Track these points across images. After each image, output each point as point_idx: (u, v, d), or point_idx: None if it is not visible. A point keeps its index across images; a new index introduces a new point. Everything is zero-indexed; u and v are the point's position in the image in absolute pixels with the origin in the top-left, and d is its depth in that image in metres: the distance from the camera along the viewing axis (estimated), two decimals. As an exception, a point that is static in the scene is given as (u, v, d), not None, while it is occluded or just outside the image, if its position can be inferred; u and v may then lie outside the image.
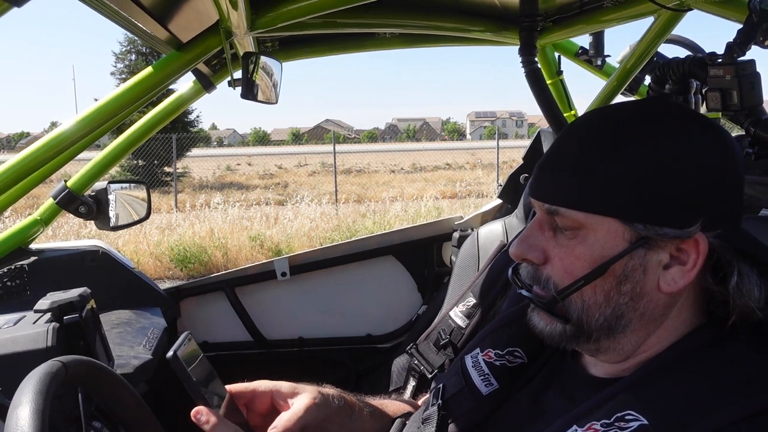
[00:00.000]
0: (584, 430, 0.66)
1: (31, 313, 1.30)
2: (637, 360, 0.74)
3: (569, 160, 0.72)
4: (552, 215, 0.73)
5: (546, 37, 1.94)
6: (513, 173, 2.22)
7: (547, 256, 0.75)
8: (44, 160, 1.30)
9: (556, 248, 0.74)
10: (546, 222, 0.75)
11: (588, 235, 0.71)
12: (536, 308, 0.78)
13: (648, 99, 0.88)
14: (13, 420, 0.79)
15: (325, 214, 10.21)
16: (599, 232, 0.70)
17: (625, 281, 0.70)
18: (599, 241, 0.70)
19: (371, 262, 2.29)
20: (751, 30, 1.21)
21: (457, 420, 0.85)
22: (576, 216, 0.71)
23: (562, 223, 0.72)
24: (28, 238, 1.79)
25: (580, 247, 0.71)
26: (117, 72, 18.68)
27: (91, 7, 1.14)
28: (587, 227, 0.71)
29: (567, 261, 0.72)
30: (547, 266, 0.75)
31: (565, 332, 0.74)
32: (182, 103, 1.84)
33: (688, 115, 0.72)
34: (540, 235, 0.76)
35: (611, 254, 0.70)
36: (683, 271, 0.70)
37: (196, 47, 1.38)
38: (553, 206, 0.72)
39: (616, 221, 0.69)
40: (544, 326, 0.77)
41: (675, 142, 0.68)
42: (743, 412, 0.61)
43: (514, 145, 22.39)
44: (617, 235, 0.70)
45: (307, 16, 1.38)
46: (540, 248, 0.75)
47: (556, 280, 0.74)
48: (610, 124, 0.72)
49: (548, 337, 0.77)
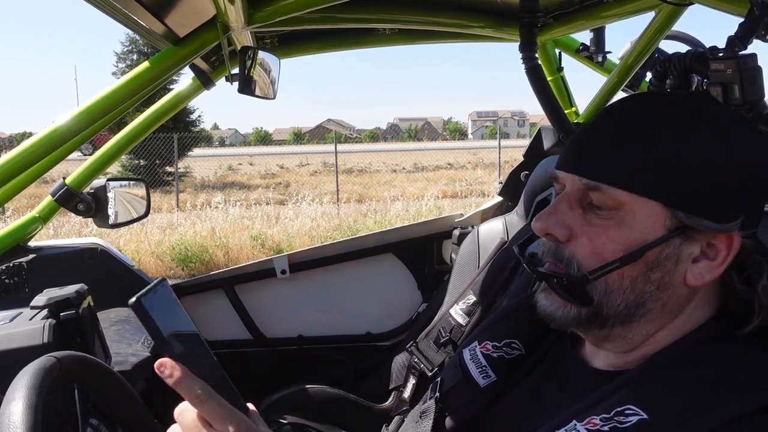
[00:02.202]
0: (584, 424, 0.65)
1: (28, 310, 1.29)
2: (642, 352, 0.73)
3: (618, 137, 0.70)
4: (589, 191, 0.70)
5: (546, 33, 1.93)
6: (513, 170, 2.21)
7: (572, 233, 0.72)
8: (39, 156, 1.29)
9: (585, 226, 0.71)
10: (576, 198, 0.73)
11: (626, 217, 0.69)
12: (549, 289, 0.75)
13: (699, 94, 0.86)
14: (6, 415, 0.79)
15: (327, 213, 10.21)
16: (639, 215, 0.68)
17: (656, 269, 0.69)
18: (638, 224, 0.68)
19: (371, 260, 2.29)
20: (752, 23, 1.20)
21: (455, 413, 0.85)
22: (619, 195, 0.68)
23: (599, 201, 0.70)
24: (27, 236, 1.79)
25: (615, 229, 0.69)
26: (119, 72, 18.67)
27: (89, 1, 1.14)
28: (627, 208, 0.69)
29: (597, 241, 0.70)
30: (571, 244, 0.72)
31: (579, 316, 0.72)
32: (181, 100, 1.83)
33: (739, 117, 0.72)
34: (568, 211, 0.73)
35: (648, 239, 0.68)
36: (711, 267, 0.69)
37: (193, 42, 1.37)
38: (594, 182, 0.70)
39: (660, 206, 0.68)
40: (555, 309, 0.74)
41: (729, 140, 0.68)
42: (744, 409, 0.60)
43: (515, 145, 22.36)
44: (657, 221, 0.68)
45: (304, 11, 1.37)
46: (566, 225, 0.72)
47: (580, 259, 0.71)
48: (665, 108, 0.71)
49: (559, 320, 0.74)
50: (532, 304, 0.92)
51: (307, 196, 11.91)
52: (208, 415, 0.62)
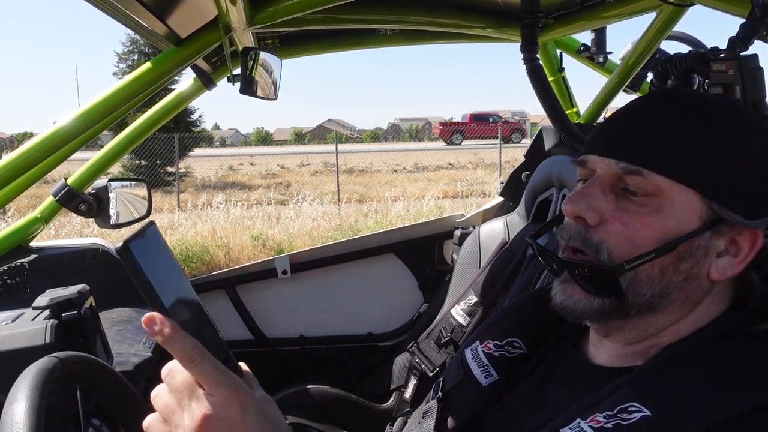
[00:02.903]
0: (587, 422, 0.65)
1: (30, 310, 1.29)
2: (650, 342, 0.72)
3: (661, 125, 0.70)
4: (627, 176, 0.70)
5: (547, 33, 1.94)
6: (515, 171, 2.22)
7: (603, 218, 0.70)
8: (41, 157, 1.30)
9: (618, 212, 0.70)
10: (609, 183, 0.71)
11: (663, 204, 0.68)
12: (570, 281, 0.72)
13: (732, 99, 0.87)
14: (8, 416, 0.79)
15: (327, 213, 10.21)
16: (677, 203, 0.68)
17: (687, 260, 0.68)
18: (675, 212, 0.68)
19: (372, 260, 2.29)
20: (753, 24, 1.20)
21: (457, 412, 0.84)
22: (659, 181, 0.68)
23: (637, 186, 0.69)
24: (29, 236, 1.79)
25: (652, 216, 0.68)
26: (119, 72, 18.67)
27: (90, 2, 1.14)
28: (665, 196, 0.68)
29: (632, 227, 0.68)
30: (601, 229, 0.70)
31: (602, 308, 0.70)
32: (182, 101, 1.83)
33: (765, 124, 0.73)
34: (600, 195, 0.71)
35: (685, 229, 0.68)
36: (733, 263, 0.70)
37: (194, 43, 1.37)
38: (634, 166, 0.69)
39: (697, 196, 0.68)
40: (575, 301, 0.72)
41: (760, 140, 0.70)
42: (751, 406, 0.60)
43: (516, 145, 22.35)
44: (693, 211, 0.68)
45: (306, 11, 1.37)
46: (598, 209, 0.70)
47: (611, 245, 0.69)
48: (709, 103, 0.72)
49: (580, 312, 0.72)
50: (534, 301, 0.92)
51: (308, 196, 11.91)
52: (200, 377, 0.56)
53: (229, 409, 0.56)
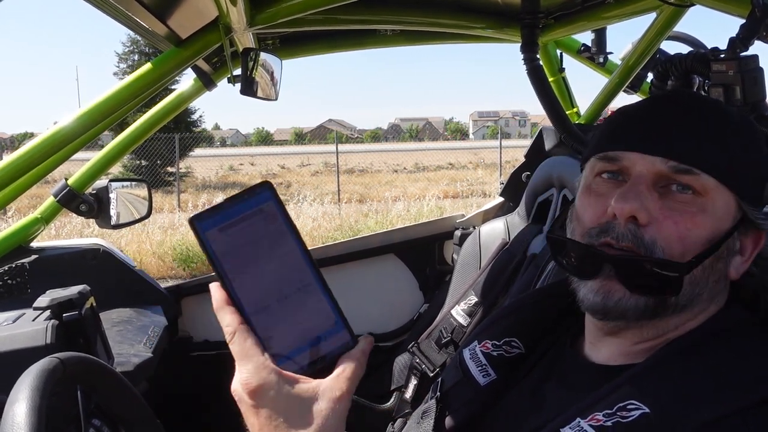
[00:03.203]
0: (587, 420, 0.65)
1: (31, 311, 1.30)
2: (654, 342, 0.73)
3: (705, 127, 0.72)
4: (677, 175, 0.70)
5: (548, 34, 1.93)
6: (515, 171, 2.22)
7: (651, 217, 0.69)
8: (43, 157, 1.30)
9: (666, 211, 0.69)
10: (655, 183, 0.71)
11: (707, 204, 0.69)
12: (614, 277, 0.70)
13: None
14: (10, 417, 0.79)
15: (328, 213, 10.22)
16: (718, 204, 0.70)
17: (722, 259, 0.71)
18: (717, 212, 0.70)
19: (373, 260, 2.29)
20: (753, 25, 1.20)
21: (455, 411, 0.85)
22: (708, 182, 0.69)
23: (688, 185, 0.69)
24: (29, 237, 1.79)
25: (700, 216, 0.69)
26: (120, 72, 18.72)
27: (91, 3, 1.14)
28: (710, 196, 0.70)
29: (683, 226, 0.69)
30: (651, 228, 0.69)
31: (647, 307, 0.69)
32: (183, 101, 1.84)
33: None
34: (648, 194, 0.70)
35: (723, 229, 0.70)
36: (741, 261, 0.73)
37: (195, 43, 1.37)
38: (686, 165, 0.69)
39: (733, 197, 0.70)
40: (618, 299, 0.70)
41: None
42: (749, 401, 0.60)
43: (516, 145, 22.36)
44: (730, 212, 0.71)
45: (306, 12, 1.38)
46: (647, 207, 0.69)
47: (664, 244, 0.68)
48: (727, 110, 0.76)
49: (621, 310, 0.70)
50: (533, 302, 0.93)
51: (309, 196, 11.92)
52: (233, 352, 0.58)
53: (243, 392, 0.57)
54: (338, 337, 0.61)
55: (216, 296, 0.59)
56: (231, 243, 0.58)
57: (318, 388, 0.58)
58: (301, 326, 0.59)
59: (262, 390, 0.56)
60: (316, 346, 0.60)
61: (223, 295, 0.58)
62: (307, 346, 0.60)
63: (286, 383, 0.57)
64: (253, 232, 0.59)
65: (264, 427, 0.57)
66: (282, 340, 0.59)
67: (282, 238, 0.60)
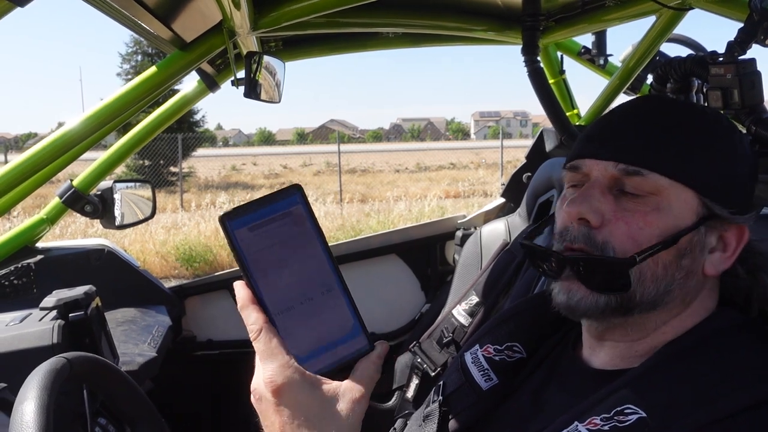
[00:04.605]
0: (585, 425, 0.66)
1: (37, 311, 1.31)
2: (650, 343, 0.74)
3: (656, 128, 0.73)
4: (626, 177, 0.72)
5: (548, 36, 1.95)
6: (516, 172, 2.23)
7: (605, 219, 0.72)
8: (49, 159, 1.31)
9: (619, 212, 0.71)
10: (608, 185, 0.73)
11: (662, 203, 0.71)
12: (574, 277, 0.73)
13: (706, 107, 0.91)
14: (18, 415, 0.80)
15: (330, 213, 10.23)
16: (674, 202, 0.71)
17: (687, 256, 0.71)
18: (673, 210, 0.71)
19: (374, 260, 2.30)
20: (751, 28, 1.21)
21: (458, 415, 0.85)
22: (658, 180, 0.70)
23: (637, 186, 0.71)
24: (35, 237, 1.81)
25: (652, 214, 0.70)
26: (123, 73, 18.73)
27: (95, 6, 1.15)
28: (663, 194, 0.71)
29: (634, 226, 0.70)
30: (605, 229, 0.72)
31: (608, 305, 0.72)
32: (186, 103, 1.85)
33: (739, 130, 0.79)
34: (601, 197, 0.73)
35: (683, 225, 0.70)
36: (723, 258, 0.73)
37: (199, 47, 1.39)
38: (634, 167, 0.71)
39: (693, 194, 0.71)
40: (580, 299, 0.72)
41: (741, 142, 0.75)
42: (740, 404, 0.61)
43: (518, 145, 22.34)
44: (690, 208, 0.71)
45: (309, 16, 1.39)
46: (600, 210, 0.72)
47: (616, 244, 0.71)
48: (691, 108, 0.77)
49: (583, 310, 0.73)
50: (534, 306, 0.93)
51: (311, 196, 11.86)
52: (256, 350, 0.59)
53: (266, 390, 0.58)
54: (356, 342, 0.62)
55: (241, 294, 0.60)
56: (259, 243, 0.58)
57: (339, 389, 0.59)
58: (321, 329, 0.60)
59: (287, 388, 0.57)
60: (334, 350, 0.61)
61: (248, 294, 0.59)
62: (325, 348, 0.60)
63: (309, 383, 0.58)
64: (282, 234, 0.59)
65: (286, 426, 0.57)
66: (302, 341, 0.60)
67: (309, 241, 0.60)
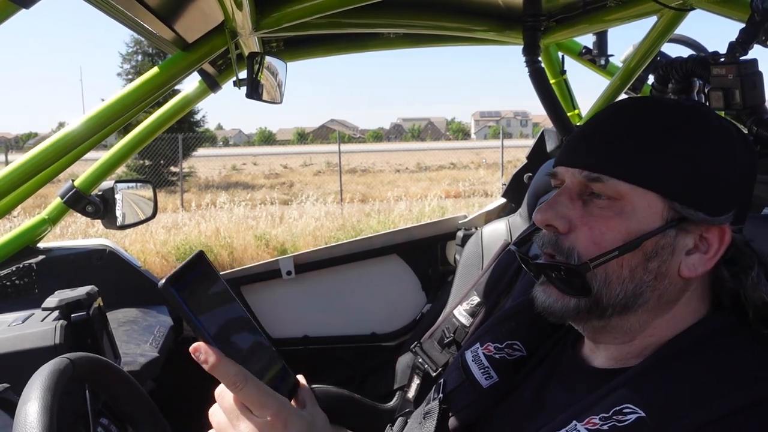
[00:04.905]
0: (583, 424, 0.66)
1: (39, 311, 1.31)
2: (642, 343, 0.74)
3: (619, 133, 0.73)
4: (590, 183, 0.73)
5: (549, 36, 1.95)
6: (517, 172, 2.23)
7: (572, 225, 0.74)
8: (51, 160, 1.32)
9: (585, 217, 0.73)
10: (576, 192, 0.75)
11: (625, 208, 0.71)
12: (547, 282, 0.76)
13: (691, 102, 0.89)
14: (22, 416, 0.81)
15: (330, 213, 10.23)
16: (638, 206, 0.71)
17: (654, 258, 0.71)
18: (637, 214, 0.71)
19: (376, 261, 2.30)
20: (753, 29, 1.21)
21: (458, 413, 0.86)
22: (619, 186, 0.71)
23: (601, 192, 0.72)
24: (36, 237, 1.81)
25: (615, 219, 0.71)
26: (123, 73, 18.73)
27: (97, 7, 1.16)
28: (626, 199, 0.71)
29: (597, 231, 0.72)
30: (572, 235, 0.74)
31: (579, 307, 0.73)
32: (188, 103, 1.86)
33: (727, 122, 0.76)
34: (569, 203, 0.75)
35: (647, 229, 0.71)
36: (704, 259, 0.72)
37: (201, 47, 1.39)
38: (595, 174, 0.72)
39: (658, 197, 0.71)
40: (553, 301, 0.75)
41: (720, 139, 0.73)
42: (737, 404, 0.61)
43: (518, 145, 22.34)
44: (655, 212, 0.71)
45: (311, 17, 1.39)
46: (567, 216, 0.74)
47: (581, 250, 0.72)
48: (662, 109, 0.75)
49: (558, 312, 0.75)
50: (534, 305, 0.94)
51: (311, 196, 11.93)
52: (245, 401, 0.61)
53: (272, 430, 0.61)
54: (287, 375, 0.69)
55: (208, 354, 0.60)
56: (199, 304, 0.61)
57: (311, 412, 0.66)
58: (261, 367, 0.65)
59: (293, 418, 0.62)
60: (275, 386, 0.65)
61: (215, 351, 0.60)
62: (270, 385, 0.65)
63: (298, 411, 0.65)
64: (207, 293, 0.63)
65: None
66: None
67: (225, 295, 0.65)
